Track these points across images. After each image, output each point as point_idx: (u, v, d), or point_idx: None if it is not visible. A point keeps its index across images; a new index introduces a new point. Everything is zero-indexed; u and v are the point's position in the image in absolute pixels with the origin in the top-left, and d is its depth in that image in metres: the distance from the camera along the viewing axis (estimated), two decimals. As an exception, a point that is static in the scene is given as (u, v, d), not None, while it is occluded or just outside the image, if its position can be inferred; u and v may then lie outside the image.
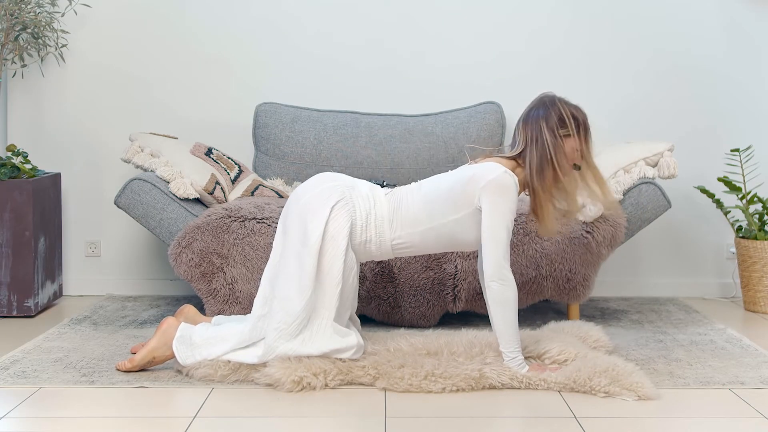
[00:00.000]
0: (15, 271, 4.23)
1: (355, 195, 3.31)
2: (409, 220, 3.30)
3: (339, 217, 3.24)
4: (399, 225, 3.30)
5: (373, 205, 3.31)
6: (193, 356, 3.26)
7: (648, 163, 4.10)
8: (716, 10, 4.77)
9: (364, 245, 3.31)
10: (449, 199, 3.26)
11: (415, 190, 3.35)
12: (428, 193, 3.32)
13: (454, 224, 3.27)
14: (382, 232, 3.30)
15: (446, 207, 3.27)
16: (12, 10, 4.43)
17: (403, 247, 3.32)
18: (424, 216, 3.29)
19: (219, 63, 4.79)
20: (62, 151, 4.78)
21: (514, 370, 3.19)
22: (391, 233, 3.30)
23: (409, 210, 3.31)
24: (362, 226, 3.28)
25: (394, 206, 3.32)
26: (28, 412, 2.95)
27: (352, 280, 3.30)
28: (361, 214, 3.28)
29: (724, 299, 4.78)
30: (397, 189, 3.40)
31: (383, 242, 3.31)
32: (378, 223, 3.29)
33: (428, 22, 4.80)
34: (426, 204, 3.29)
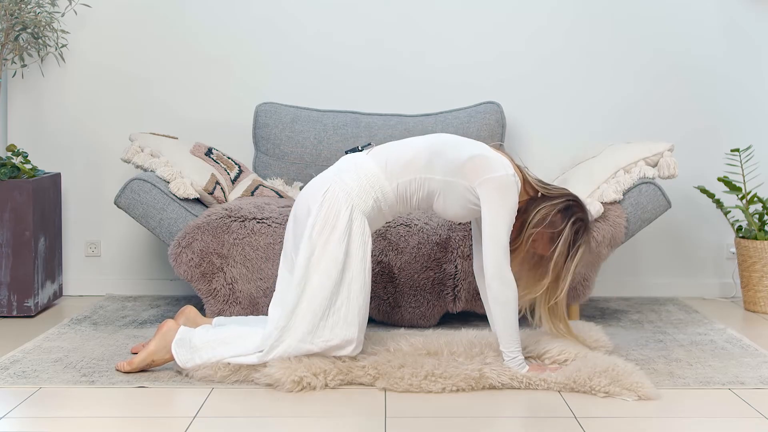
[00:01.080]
0: (15, 271, 4.23)
1: (349, 189, 3.27)
2: (403, 164, 3.27)
3: (356, 229, 3.22)
4: (393, 173, 3.27)
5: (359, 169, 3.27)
6: (192, 359, 3.25)
7: (648, 163, 4.10)
8: (716, 11, 4.77)
9: (376, 211, 3.28)
10: (452, 161, 3.23)
11: (414, 139, 3.35)
12: (437, 146, 3.29)
13: (445, 185, 3.25)
14: (381, 185, 3.26)
15: (446, 167, 3.24)
16: (12, 10, 4.43)
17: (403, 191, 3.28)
18: (423, 161, 3.26)
19: (219, 63, 4.79)
20: (62, 151, 4.78)
21: (514, 370, 3.19)
22: (390, 183, 3.28)
23: (404, 154, 3.28)
24: (373, 207, 3.25)
25: (384, 159, 3.29)
26: (28, 412, 2.95)
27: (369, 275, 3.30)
28: (366, 199, 3.25)
29: (724, 299, 4.78)
30: (380, 146, 3.38)
31: (386, 195, 3.28)
32: (373, 180, 3.26)
33: (428, 22, 4.80)
34: (430, 153, 3.27)
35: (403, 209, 3.36)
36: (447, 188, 3.25)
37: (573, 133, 4.78)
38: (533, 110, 4.79)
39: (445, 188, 3.26)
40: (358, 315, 3.22)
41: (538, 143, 4.78)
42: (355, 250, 3.22)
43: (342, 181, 3.26)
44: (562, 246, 3.26)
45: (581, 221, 3.30)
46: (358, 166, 3.29)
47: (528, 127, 4.80)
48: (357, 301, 3.22)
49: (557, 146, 4.74)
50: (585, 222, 3.32)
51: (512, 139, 4.77)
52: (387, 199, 3.28)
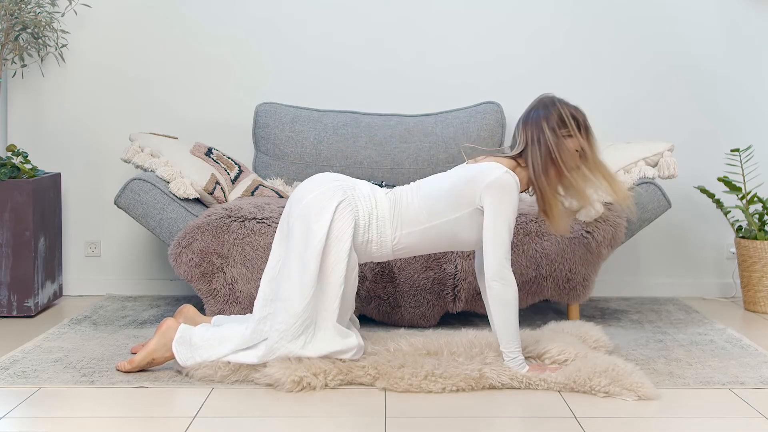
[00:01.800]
0: (15, 271, 4.23)
1: (357, 195, 3.30)
2: (409, 219, 3.30)
3: (343, 217, 3.24)
4: (399, 225, 3.30)
5: (374, 204, 3.31)
6: (192, 357, 3.26)
7: (648, 163, 4.11)
8: (716, 11, 4.77)
9: (365, 246, 3.31)
10: (450, 198, 3.26)
11: (414, 190, 3.35)
12: (428, 193, 3.31)
13: (454, 223, 3.27)
14: (384, 232, 3.30)
15: (447, 206, 3.27)
16: (12, 10, 4.43)
17: (402, 247, 3.32)
18: (424, 215, 3.29)
19: (219, 63, 4.79)
20: (62, 151, 4.79)
21: (514, 370, 3.19)
22: (392, 233, 3.30)
23: (408, 209, 3.31)
24: (365, 227, 3.28)
25: (393, 206, 3.32)
26: (28, 412, 2.95)
27: (353, 280, 3.30)
28: (363, 215, 3.28)
29: (724, 299, 4.78)
30: (397, 188, 3.40)
31: (384, 242, 3.30)
32: (380, 223, 3.29)
33: (428, 22, 4.80)
34: (426, 203, 3.29)
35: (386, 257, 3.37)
36: (457, 224, 3.27)
37: (573, 133, 4.77)
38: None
39: (455, 225, 3.27)
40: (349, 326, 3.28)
41: (538, 143, 4.77)
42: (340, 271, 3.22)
43: (355, 204, 3.28)
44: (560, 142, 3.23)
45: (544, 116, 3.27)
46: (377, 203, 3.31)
47: (528, 127, 4.79)
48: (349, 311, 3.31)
49: (557, 146, 4.74)
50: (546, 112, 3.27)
51: (512, 139, 4.76)
52: (383, 246, 3.31)
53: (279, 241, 3.37)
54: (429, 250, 3.38)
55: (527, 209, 3.91)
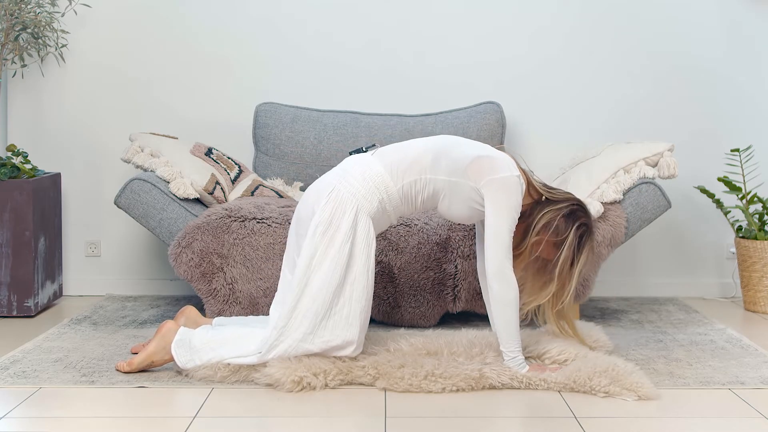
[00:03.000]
0: (15, 271, 4.23)
1: (355, 191, 3.27)
2: (408, 163, 3.27)
3: (362, 227, 3.22)
4: (398, 173, 3.27)
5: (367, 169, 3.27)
6: (192, 360, 3.25)
7: (648, 163, 4.11)
8: (716, 12, 4.77)
9: (381, 213, 3.28)
10: (458, 161, 3.24)
11: (413, 141, 3.35)
12: (442, 146, 3.29)
13: (450, 185, 3.25)
14: (387, 185, 3.26)
15: (450, 167, 3.24)
16: (12, 10, 4.43)
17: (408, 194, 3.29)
18: (428, 161, 3.26)
19: (219, 63, 4.79)
20: (62, 151, 4.79)
21: (514, 370, 3.19)
22: (394, 184, 3.28)
23: (408, 154, 3.29)
24: (378, 210, 3.26)
25: (389, 159, 3.29)
26: (28, 412, 2.95)
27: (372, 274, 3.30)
28: (371, 202, 3.24)
29: (724, 299, 4.78)
30: (384, 147, 3.39)
31: (391, 195, 3.27)
32: (378, 180, 3.26)
33: (428, 22, 4.80)
34: (435, 153, 3.27)
35: (408, 210, 3.35)
36: (452, 188, 3.25)
37: (573, 133, 4.78)
38: (533, 110, 4.79)
39: (450, 188, 3.26)
40: (360, 316, 3.22)
41: (538, 143, 4.78)
42: (359, 252, 3.21)
43: (347, 182, 3.25)
44: (567, 251, 3.26)
45: (585, 226, 3.30)
46: (364, 167, 3.29)
47: (528, 127, 4.80)
48: (359, 303, 3.22)
49: (557, 146, 4.74)
50: (589, 227, 3.32)
51: (512, 139, 4.77)
52: (392, 199, 3.28)
53: (287, 265, 3.36)
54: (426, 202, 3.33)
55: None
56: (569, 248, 3.25)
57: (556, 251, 3.27)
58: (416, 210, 3.37)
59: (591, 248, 3.34)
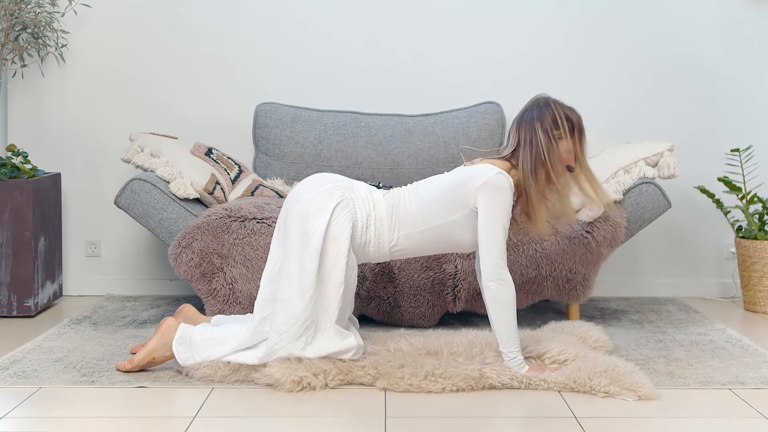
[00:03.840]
0: (15, 271, 4.23)
1: (355, 196, 3.31)
2: (407, 221, 3.30)
3: (341, 218, 3.24)
4: (397, 227, 3.30)
5: (372, 206, 3.31)
6: (192, 357, 3.26)
7: (648, 163, 4.11)
8: (716, 12, 4.77)
9: (363, 247, 3.31)
10: (446, 200, 3.27)
11: (412, 192, 3.36)
12: (425, 195, 3.32)
13: (451, 225, 3.27)
14: (381, 233, 3.30)
15: (443, 208, 3.27)
16: (12, 10, 4.43)
17: (399, 249, 3.33)
18: (421, 217, 3.29)
19: (219, 63, 4.79)
20: (62, 151, 4.79)
21: (514, 370, 3.19)
22: (390, 235, 3.30)
23: (407, 212, 3.31)
24: (362, 228, 3.28)
25: (392, 208, 3.32)
26: (28, 412, 2.95)
27: (353, 280, 3.30)
28: (361, 216, 3.28)
29: (724, 299, 4.78)
30: (395, 190, 3.40)
31: (381, 244, 3.31)
32: (378, 224, 3.29)
33: (428, 22, 4.80)
34: (423, 205, 3.30)
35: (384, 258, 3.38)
36: (453, 227, 3.27)
37: (573, 133, 4.77)
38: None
39: (453, 227, 3.27)
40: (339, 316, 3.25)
41: (538, 143, 4.77)
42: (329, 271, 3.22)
43: (353, 205, 3.28)
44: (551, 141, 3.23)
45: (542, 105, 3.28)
46: (375, 205, 3.31)
47: (528, 127, 4.79)
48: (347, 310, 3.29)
49: (557, 146, 4.74)
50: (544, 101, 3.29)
51: (512, 139, 4.76)
52: (381, 247, 3.31)
53: (277, 242, 3.37)
54: (426, 252, 3.38)
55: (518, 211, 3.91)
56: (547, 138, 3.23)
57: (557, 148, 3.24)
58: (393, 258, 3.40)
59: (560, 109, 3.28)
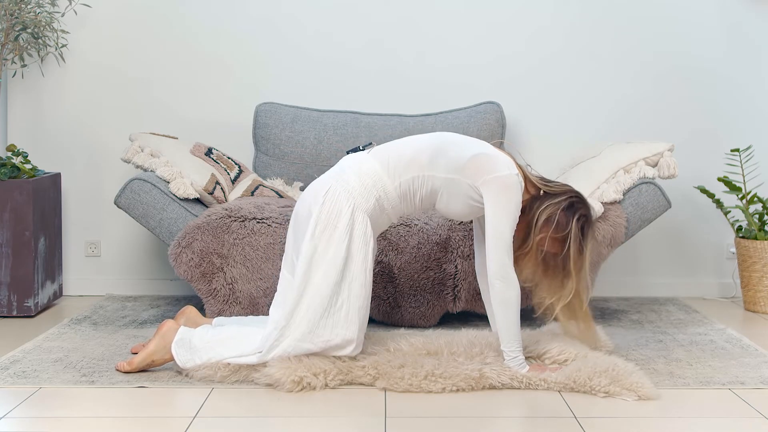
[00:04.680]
0: (15, 271, 4.23)
1: (346, 178, 3.27)
2: (405, 162, 3.27)
3: (359, 226, 3.21)
4: (395, 171, 3.27)
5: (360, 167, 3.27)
6: (192, 360, 3.25)
7: (648, 163, 4.11)
8: (716, 11, 4.77)
9: (379, 210, 3.27)
10: (456, 160, 3.23)
11: (411, 138, 3.35)
12: (440, 145, 3.28)
13: (447, 183, 3.25)
14: (384, 183, 3.26)
15: (448, 165, 3.24)
16: (12, 10, 4.43)
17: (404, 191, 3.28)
18: (426, 159, 3.26)
19: (219, 63, 4.79)
20: (62, 151, 4.79)
21: (515, 369, 3.19)
22: (392, 181, 3.27)
23: (405, 153, 3.28)
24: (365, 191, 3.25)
25: (386, 157, 3.29)
26: (28, 412, 2.95)
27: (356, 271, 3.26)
28: (355, 185, 3.23)
29: (724, 299, 4.78)
30: (381, 145, 3.38)
31: (388, 193, 3.27)
32: (375, 178, 3.26)
33: (428, 22, 4.80)
34: (433, 150, 3.26)
35: (407, 209, 3.35)
36: (450, 186, 3.25)
37: (573, 133, 4.78)
38: (533, 110, 4.79)
39: (448, 186, 3.26)
40: (358, 314, 3.22)
41: (538, 143, 4.78)
42: (356, 250, 3.21)
43: (344, 181, 3.26)
44: (574, 245, 3.25)
45: (585, 217, 3.30)
46: (360, 165, 3.29)
47: (528, 127, 4.80)
48: (357, 301, 3.22)
49: (557, 146, 4.74)
50: (588, 217, 3.32)
51: (512, 139, 4.76)
52: (389, 197, 3.28)
53: (286, 266, 3.35)
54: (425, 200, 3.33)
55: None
56: (575, 241, 3.25)
57: (563, 246, 3.26)
58: (416, 209, 3.36)
59: (594, 239, 3.34)
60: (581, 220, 3.28)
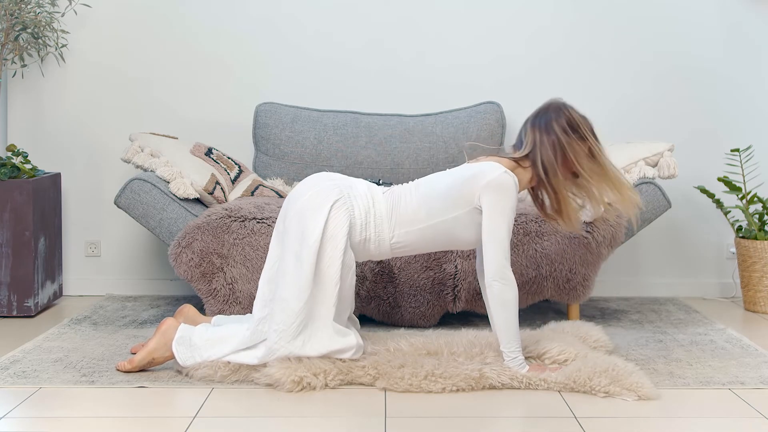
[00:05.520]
0: (15, 271, 4.23)
1: (354, 194, 3.30)
2: (408, 218, 3.30)
3: (338, 216, 3.24)
4: (397, 223, 3.30)
5: (372, 203, 3.31)
6: (192, 357, 3.26)
7: (648, 163, 4.11)
8: (716, 11, 4.77)
9: (363, 244, 3.31)
10: (448, 197, 3.26)
11: (413, 189, 3.35)
12: (427, 192, 3.31)
13: (453, 222, 3.27)
14: (381, 230, 3.30)
15: (445, 205, 3.27)
16: (12, 10, 4.43)
17: (401, 246, 3.32)
18: (423, 214, 3.29)
19: (219, 63, 4.79)
20: (62, 151, 4.79)
21: (514, 370, 3.19)
22: (390, 232, 3.30)
23: (407, 208, 3.31)
24: (362, 225, 3.28)
25: (392, 205, 3.32)
26: (28, 412, 2.95)
27: (350, 279, 3.29)
28: (360, 213, 3.28)
29: (724, 299, 4.78)
30: (395, 187, 3.40)
31: (382, 241, 3.30)
32: (377, 222, 3.29)
33: (428, 22, 4.80)
34: (425, 202, 3.29)
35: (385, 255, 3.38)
36: (456, 223, 3.27)
37: (573, 133, 4.78)
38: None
39: (455, 223, 3.27)
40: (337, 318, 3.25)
41: (538, 143, 4.77)
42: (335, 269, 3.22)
43: (350, 204, 3.27)
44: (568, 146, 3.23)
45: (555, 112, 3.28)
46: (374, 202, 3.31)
47: (528, 127, 4.79)
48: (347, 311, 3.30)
49: (557, 146, 4.74)
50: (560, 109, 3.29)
51: (512, 139, 4.75)
52: (382, 244, 3.31)
53: (276, 242, 3.37)
54: (428, 249, 3.38)
55: (528, 209, 3.92)
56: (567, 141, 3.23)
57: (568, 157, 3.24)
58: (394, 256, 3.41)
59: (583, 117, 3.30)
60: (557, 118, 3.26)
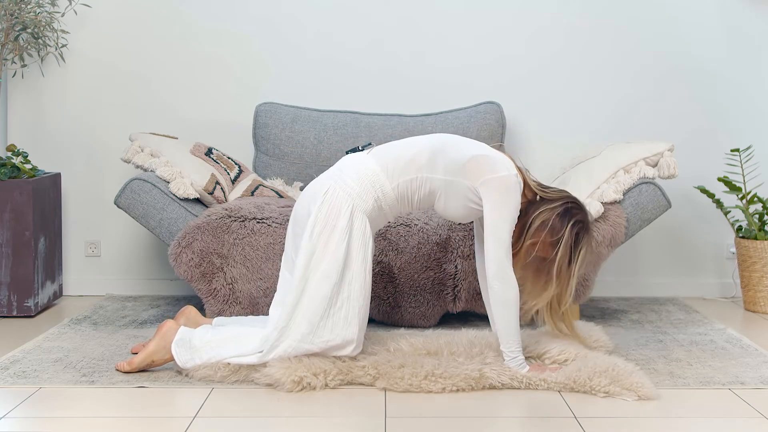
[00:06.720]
0: (15, 271, 4.23)
1: (344, 176, 3.27)
2: (404, 163, 3.27)
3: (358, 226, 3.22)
4: (394, 172, 3.27)
5: (362, 166, 3.27)
6: (192, 360, 3.25)
7: (648, 163, 4.10)
8: (716, 12, 4.77)
9: (378, 210, 3.27)
10: (458, 161, 3.23)
11: (410, 140, 3.34)
12: (437, 143, 3.29)
13: (446, 185, 3.25)
14: (382, 184, 3.26)
15: (450, 165, 3.24)
16: (12, 10, 4.43)
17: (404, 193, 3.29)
18: (424, 160, 3.26)
19: (219, 63, 4.79)
20: (62, 151, 4.79)
21: (515, 370, 3.19)
22: (390, 182, 3.27)
23: (404, 154, 3.28)
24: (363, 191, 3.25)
25: (385, 158, 3.29)
26: (28, 412, 2.95)
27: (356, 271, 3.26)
28: (353, 186, 3.23)
29: (724, 299, 4.78)
30: (381, 145, 3.38)
31: (387, 194, 3.27)
32: (373, 179, 3.26)
33: (428, 22, 4.80)
34: (431, 152, 3.27)
35: (404, 209, 3.35)
36: (448, 187, 3.25)
37: (573, 133, 4.78)
38: (533, 110, 4.79)
39: (446, 187, 3.26)
40: (358, 315, 3.22)
41: (538, 143, 4.78)
42: (355, 250, 3.21)
43: (342, 181, 3.26)
44: (564, 250, 3.25)
45: (581, 223, 3.29)
46: (359, 166, 3.29)
47: (528, 127, 4.80)
48: (357, 301, 3.22)
49: (557, 146, 4.74)
50: (585, 224, 3.31)
51: (512, 139, 4.77)
52: (387, 198, 3.28)
53: (286, 266, 3.35)
54: (424, 200, 3.33)
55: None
56: (565, 246, 3.25)
57: (553, 249, 3.26)
58: (413, 209, 3.37)
59: (589, 246, 3.33)
60: (576, 225, 3.28)
